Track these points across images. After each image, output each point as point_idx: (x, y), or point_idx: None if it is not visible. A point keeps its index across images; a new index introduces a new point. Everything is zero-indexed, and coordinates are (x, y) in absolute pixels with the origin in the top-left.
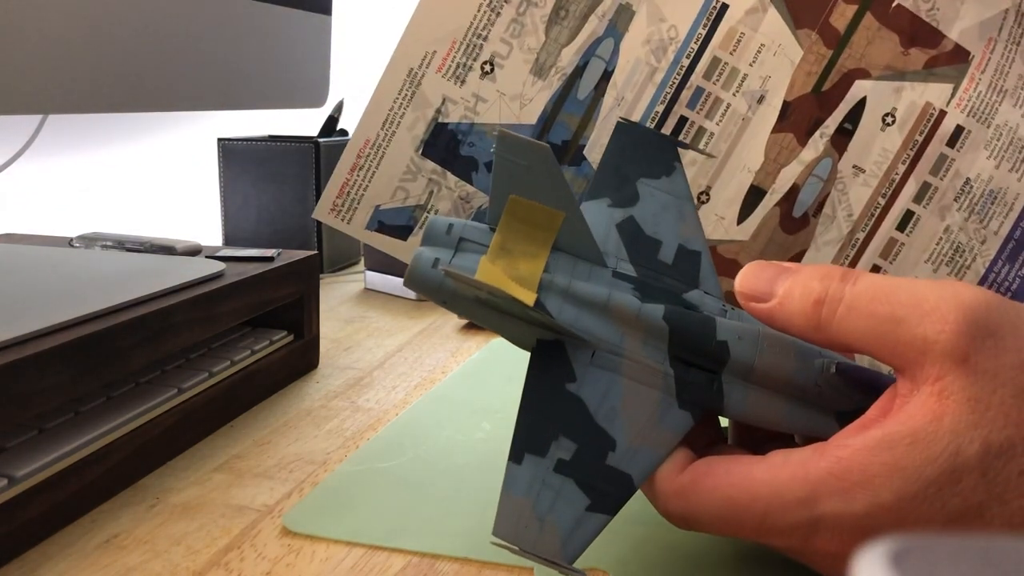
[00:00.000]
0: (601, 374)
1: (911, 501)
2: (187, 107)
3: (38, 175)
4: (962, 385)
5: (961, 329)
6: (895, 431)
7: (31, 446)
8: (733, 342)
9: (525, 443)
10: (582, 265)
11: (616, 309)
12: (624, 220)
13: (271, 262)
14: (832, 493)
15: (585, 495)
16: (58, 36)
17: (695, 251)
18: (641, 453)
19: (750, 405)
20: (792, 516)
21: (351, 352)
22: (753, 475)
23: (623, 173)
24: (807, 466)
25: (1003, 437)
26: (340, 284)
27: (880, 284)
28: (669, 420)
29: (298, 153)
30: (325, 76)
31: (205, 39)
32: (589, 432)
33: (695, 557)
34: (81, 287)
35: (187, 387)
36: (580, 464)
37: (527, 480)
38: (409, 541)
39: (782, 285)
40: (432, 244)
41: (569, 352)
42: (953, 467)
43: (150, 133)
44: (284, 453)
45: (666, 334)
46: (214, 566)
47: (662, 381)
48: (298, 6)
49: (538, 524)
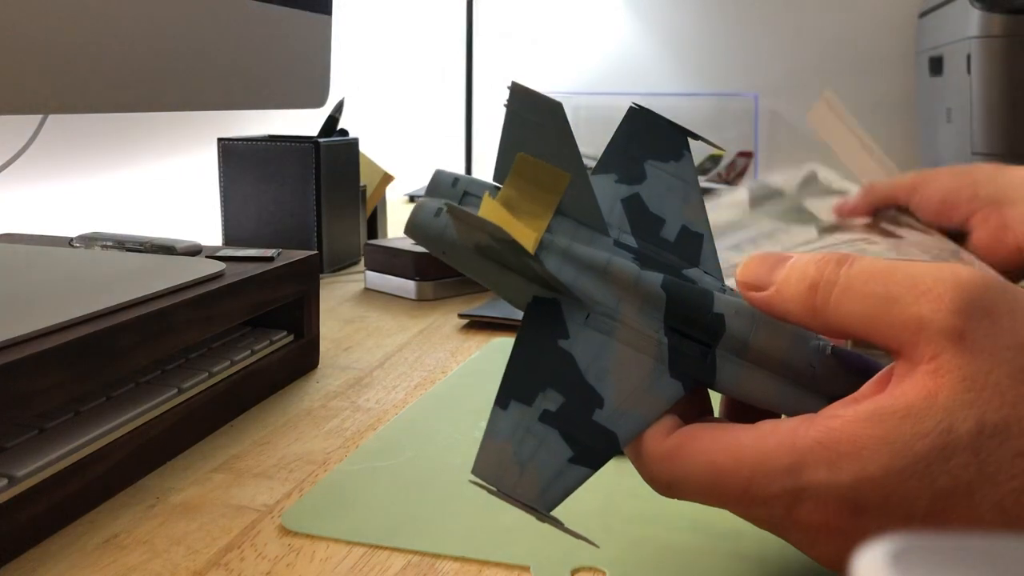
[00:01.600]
0: (595, 335)
1: (898, 476)
2: (187, 107)
3: (38, 175)
4: (958, 364)
5: (957, 307)
6: (888, 404)
7: (31, 446)
8: (729, 316)
9: (512, 390)
10: (584, 230)
11: (615, 274)
12: (629, 196)
13: (271, 262)
14: (819, 462)
15: (569, 447)
16: (58, 36)
17: (698, 233)
18: (629, 415)
19: (742, 381)
20: (777, 484)
21: (351, 352)
22: (740, 441)
23: (631, 153)
24: (795, 434)
25: (998, 417)
26: (340, 284)
27: (876, 266)
28: (659, 387)
29: (298, 153)
30: (325, 76)
31: (205, 39)
32: (578, 387)
33: (694, 557)
34: (81, 287)
35: (187, 387)
36: (566, 417)
37: (511, 426)
38: (409, 541)
39: (780, 273)
40: (436, 195)
41: (564, 311)
42: (944, 444)
43: (150, 133)
44: (284, 453)
45: (663, 302)
46: (214, 566)
47: (655, 349)
48: (298, 6)
49: (518, 469)
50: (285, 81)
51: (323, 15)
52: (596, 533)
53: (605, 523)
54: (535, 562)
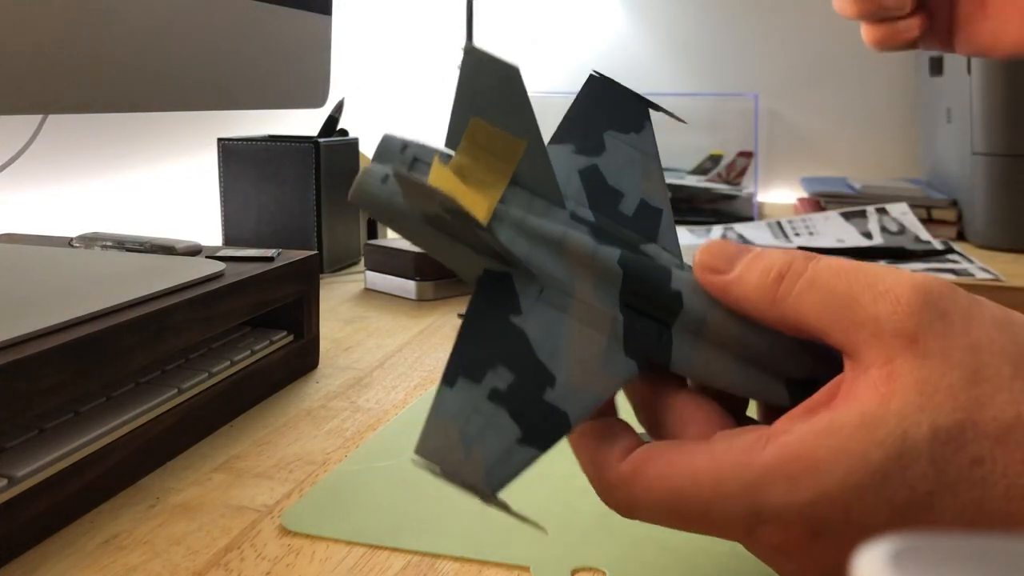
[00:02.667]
0: (548, 311)
1: (856, 490)
2: (187, 107)
3: (38, 175)
4: (911, 368)
5: (913, 310)
6: (842, 414)
7: (31, 446)
8: (687, 294)
9: (460, 367)
10: (539, 202)
11: (571, 248)
12: (587, 167)
13: (271, 262)
14: (777, 480)
15: (517, 426)
16: (58, 36)
17: (657, 208)
18: (581, 394)
19: (698, 361)
20: (736, 505)
21: (351, 352)
22: (696, 463)
23: (591, 123)
24: (751, 453)
25: (951, 421)
26: (340, 284)
27: (842, 263)
28: (613, 366)
29: (298, 153)
30: (325, 76)
31: (205, 39)
32: (529, 365)
33: (694, 557)
34: (81, 287)
35: (187, 387)
36: (515, 396)
37: (458, 404)
38: (409, 541)
39: (743, 260)
40: (384, 161)
41: (517, 285)
42: (900, 452)
43: (150, 133)
44: (284, 453)
45: (619, 279)
46: (214, 566)
47: (610, 326)
48: (298, 6)
49: (464, 449)
50: (285, 81)
51: (323, 15)
52: (596, 533)
53: (605, 523)
54: (535, 562)
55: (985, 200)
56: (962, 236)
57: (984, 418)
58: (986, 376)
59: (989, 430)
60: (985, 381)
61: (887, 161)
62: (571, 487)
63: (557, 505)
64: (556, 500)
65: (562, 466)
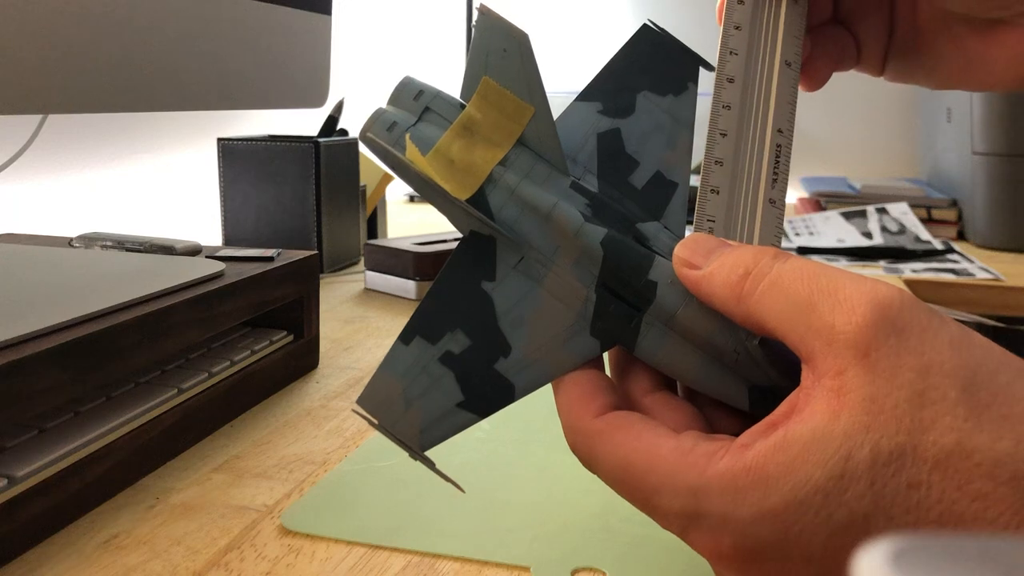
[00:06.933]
0: (522, 281)
1: (797, 509)
2: (187, 107)
3: (38, 175)
4: (860, 383)
5: (868, 322)
6: (794, 430)
7: (31, 446)
8: (663, 285)
9: (419, 326)
10: (542, 167)
11: (557, 221)
12: (608, 131)
13: (271, 262)
14: (724, 491)
15: (461, 391)
16: (58, 36)
17: (672, 182)
18: (534, 367)
19: (663, 352)
20: (679, 502)
21: (351, 352)
22: (659, 448)
23: (627, 81)
24: (711, 457)
25: (893, 444)
26: (340, 284)
27: (807, 266)
28: (575, 344)
29: (298, 153)
30: (325, 76)
31: (205, 39)
32: (488, 333)
33: (694, 556)
34: (81, 287)
35: (187, 387)
36: (467, 361)
37: (409, 362)
38: (409, 541)
39: (717, 256)
40: (397, 105)
41: (498, 251)
42: (842, 472)
43: (150, 133)
44: (284, 453)
45: (599, 259)
46: (214, 566)
47: (581, 304)
48: (298, 6)
49: (404, 405)
50: (285, 81)
51: (323, 15)
52: (596, 533)
53: (605, 523)
54: (535, 562)
55: (985, 200)
56: (962, 236)
57: (925, 442)
58: (932, 399)
59: (928, 455)
60: (931, 404)
61: (887, 161)
62: (571, 487)
63: (557, 505)
64: (556, 500)
65: (562, 466)
